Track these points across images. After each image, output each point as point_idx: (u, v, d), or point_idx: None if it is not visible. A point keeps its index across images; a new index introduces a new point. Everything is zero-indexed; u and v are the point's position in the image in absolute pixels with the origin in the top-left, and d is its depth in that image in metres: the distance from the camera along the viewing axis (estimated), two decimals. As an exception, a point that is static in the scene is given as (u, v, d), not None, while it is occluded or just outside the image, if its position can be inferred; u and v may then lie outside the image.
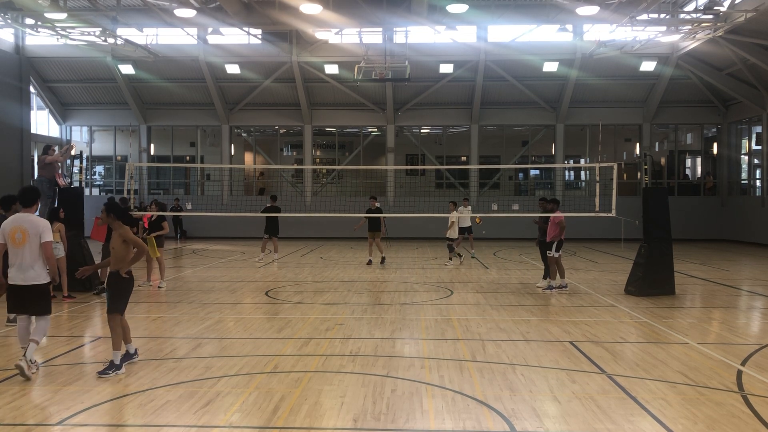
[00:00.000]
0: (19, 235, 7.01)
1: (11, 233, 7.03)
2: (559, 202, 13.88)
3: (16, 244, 7.01)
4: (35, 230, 7.05)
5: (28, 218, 7.15)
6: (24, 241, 7.01)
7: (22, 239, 7.01)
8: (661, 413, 5.91)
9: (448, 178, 30.15)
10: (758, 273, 17.47)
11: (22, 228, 7.04)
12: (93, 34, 22.27)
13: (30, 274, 7.03)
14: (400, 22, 23.36)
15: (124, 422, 5.70)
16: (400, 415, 5.88)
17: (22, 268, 7.01)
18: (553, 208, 13.63)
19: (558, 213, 13.48)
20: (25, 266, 7.00)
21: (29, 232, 7.02)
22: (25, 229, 7.04)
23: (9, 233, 7.03)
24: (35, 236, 7.03)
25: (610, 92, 28.35)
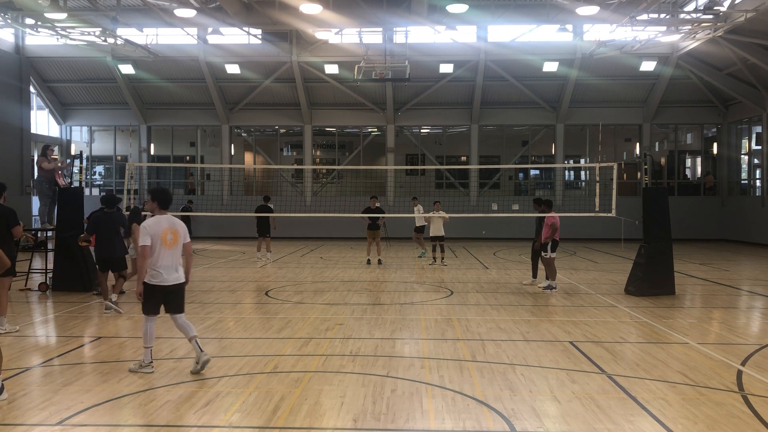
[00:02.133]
0: (170, 236, 7.07)
1: (163, 234, 7.04)
2: (551, 203, 13.85)
3: (168, 245, 7.04)
4: (183, 231, 7.22)
5: (173, 219, 7.26)
6: (175, 242, 7.10)
7: (174, 240, 7.09)
8: (661, 413, 5.91)
9: (448, 178, 30.15)
10: (758, 273, 17.47)
11: (173, 229, 7.12)
12: (93, 34, 22.28)
13: (180, 274, 7.19)
14: (400, 22, 23.36)
15: (124, 422, 5.69)
16: (400, 415, 5.88)
17: (172, 268, 7.09)
18: (544, 209, 13.69)
19: (552, 213, 13.45)
20: (175, 267, 7.12)
21: (180, 233, 7.16)
22: (176, 230, 7.15)
23: (160, 234, 7.03)
24: (183, 237, 7.20)
25: (610, 92, 28.36)
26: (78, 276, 13.02)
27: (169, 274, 7.09)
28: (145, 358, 7.14)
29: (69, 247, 13.09)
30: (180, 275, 7.21)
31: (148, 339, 7.17)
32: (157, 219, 7.16)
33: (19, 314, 10.68)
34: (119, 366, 7.50)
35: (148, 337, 7.17)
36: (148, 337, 7.17)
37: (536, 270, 14.27)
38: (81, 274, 13.03)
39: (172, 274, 7.12)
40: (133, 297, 11.58)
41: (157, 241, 7.02)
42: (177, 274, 7.17)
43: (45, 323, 10.30)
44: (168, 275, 7.08)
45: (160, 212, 7.23)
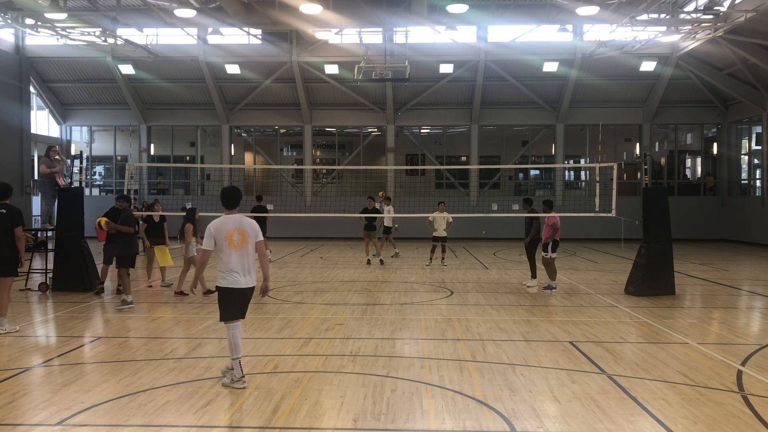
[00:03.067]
0: (237, 236, 6.66)
1: (228, 235, 6.65)
2: (552, 203, 13.86)
3: (235, 246, 6.65)
4: (252, 230, 6.79)
5: (241, 218, 6.84)
6: (243, 242, 6.68)
7: (241, 240, 6.68)
8: (661, 413, 5.91)
9: (448, 178, 30.15)
10: (758, 273, 17.47)
11: (240, 229, 6.72)
12: (93, 34, 22.28)
13: (252, 277, 6.80)
14: (400, 22, 23.36)
15: (124, 422, 5.69)
16: (400, 415, 5.88)
17: (243, 270, 6.69)
18: (533, 209, 13.75)
19: (553, 214, 13.46)
20: (246, 269, 6.71)
21: (248, 233, 6.74)
22: (244, 230, 6.73)
23: (225, 235, 6.65)
24: (253, 237, 6.78)
25: (610, 92, 28.36)
26: (78, 276, 13.01)
27: (241, 276, 6.68)
28: (236, 372, 6.61)
29: (69, 247, 13.08)
30: (252, 278, 6.78)
31: (236, 349, 6.67)
32: (223, 219, 6.75)
33: (19, 314, 10.68)
34: (119, 366, 7.50)
35: (236, 347, 6.68)
36: (236, 347, 6.68)
37: (535, 269, 14.27)
38: (81, 274, 13.03)
39: (245, 276, 6.70)
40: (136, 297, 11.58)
41: (223, 242, 6.63)
42: (249, 276, 6.74)
43: (45, 323, 10.30)
44: (241, 277, 6.67)
45: (227, 212, 6.84)
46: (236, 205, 6.85)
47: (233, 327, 6.74)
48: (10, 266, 9.18)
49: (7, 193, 9.33)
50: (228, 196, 6.85)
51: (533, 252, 14.12)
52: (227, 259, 6.65)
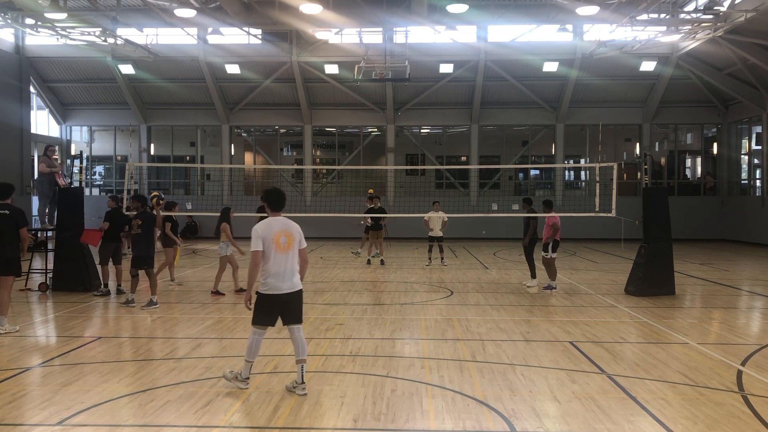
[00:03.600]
0: (283, 239, 6.45)
1: (275, 238, 6.43)
2: (552, 203, 13.87)
3: (281, 249, 6.43)
4: (298, 235, 6.58)
5: (287, 221, 6.63)
6: (289, 246, 6.47)
7: (288, 244, 6.47)
8: (661, 413, 5.91)
9: (448, 178, 30.15)
10: (758, 273, 17.47)
11: (286, 232, 6.50)
12: (93, 34, 22.28)
13: (297, 281, 6.56)
14: (400, 22, 23.36)
15: (124, 422, 5.69)
16: (400, 415, 5.88)
17: (286, 275, 6.46)
18: (530, 210, 13.76)
19: (553, 213, 13.47)
20: (290, 273, 6.48)
21: (294, 237, 6.53)
22: (291, 233, 6.52)
23: (272, 238, 6.42)
24: (298, 241, 6.57)
25: (610, 92, 28.35)
26: (78, 276, 13.02)
27: (283, 282, 6.44)
28: (243, 372, 6.55)
29: (69, 247, 13.08)
30: (296, 282, 6.56)
31: (251, 353, 6.53)
32: (269, 222, 6.54)
33: (19, 314, 10.68)
34: (119, 366, 7.50)
35: (252, 351, 6.53)
36: (252, 351, 6.53)
37: (534, 269, 14.29)
38: (81, 274, 13.03)
39: (287, 281, 6.46)
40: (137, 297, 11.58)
41: (270, 245, 6.39)
42: (293, 281, 6.51)
43: (45, 323, 10.30)
44: (282, 282, 6.44)
45: (272, 214, 6.62)
46: (282, 207, 6.65)
47: (259, 333, 6.56)
48: (13, 266, 9.21)
49: (8, 193, 9.37)
50: (275, 198, 6.65)
51: (532, 252, 14.14)
52: (271, 263, 6.41)
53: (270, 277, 6.43)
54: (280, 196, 6.70)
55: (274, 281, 6.43)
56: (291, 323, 6.57)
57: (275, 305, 6.48)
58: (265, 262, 6.43)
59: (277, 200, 6.65)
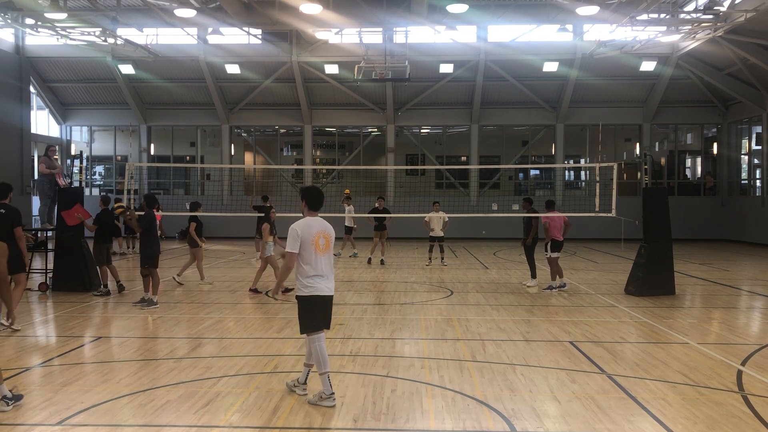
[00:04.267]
0: (322, 240, 6.23)
1: (315, 239, 6.19)
2: (553, 203, 13.90)
3: (321, 251, 6.22)
4: (333, 235, 6.38)
5: (324, 222, 6.36)
6: (327, 247, 6.27)
7: (326, 245, 6.26)
8: (661, 413, 5.91)
9: (448, 178, 30.15)
10: (758, 273, 17.47)
11: (325, 233, 6.28)
12: (93, 34, 22.28)
13: (333, 284, 6.36)
14: (400, 22, 23.36)
15: (124, 422, 5.69)
16: (400, 415, 5.88)
17: (327, 277, 6.26)
18: (531, 210, 13.77)
19: (553, 213, 13.49)
20: (329, 275, 6.28)
21: (331, 238, 6.34)
22: (329, 234, 6.31)
23: (312, 239, 6.18)
24: (332, 243, 6.38)
25: (610, 92, 28.35)
26: (78, 276, 13.02)
27: (325, 283, 6.24)
28: (325, 388, 6.08)
29: (69, 247, 13.07)
30: (333, 285, 6.36)
31: (324, 363, 6.15)
32: (307, 222, 6.26)
33: (19, 314, 10.67)
34: (119, 366, 7.50)
35: (324, 361, 6.15)
36: (324, 361, 6.15)
37: (534, 269, 14.30)
38: (81, 274, 13.03)
39: (328, 283, 6.27)
40: (137, 297, 11.59)
41: (310, 247, 6.16)
42: (332, 283, 6.33)
43: (45, 323, 10.30)
44: (324, 284, 6.23)
45: (309, 214, 6.34)
46: (321, 207, 6.43)
47: (318, 339, 6.22)
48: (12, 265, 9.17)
49: (5, 193, 9.41)
50: (316, 197, 6.38)
51: (533, 252, 14.15)
52: (313, 264, 6.17)
53: (312, 279, 6.19)
54: (320, 195, 6.44)
55: (318, 283, 6.19)
56: (326, 327, 6.42)
57: (324, 307, 6.28)
58: (305, 264, 6.18)
59: (317, 199, 6.39)
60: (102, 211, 13.23)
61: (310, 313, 6.24)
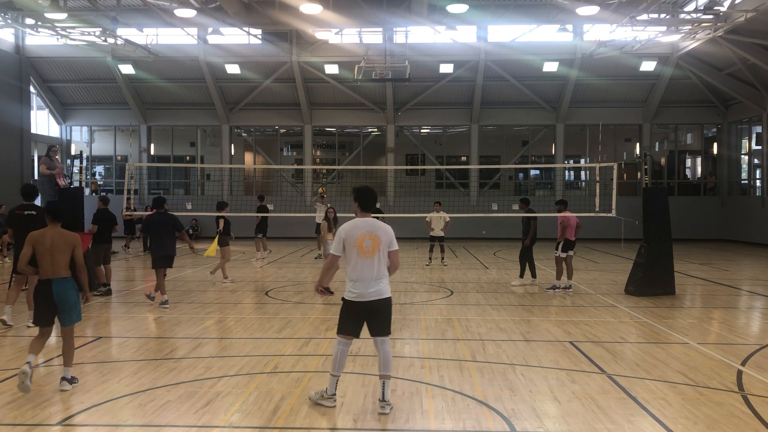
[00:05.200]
0: (368, 242, 5.96)
1: (358, 241, 5.96)
2: (566, 203, 13.91)
3: (365, 253, 5.95)
4: (386, 237, 6.04)
5: (375, 223, 6.08)
6: (375, 249, 5.96)
7: (373, 248, 5.96)
8: (661, 413, 5.91)
9: (448, 178, 30.15)
10: (758, 273, 17.47)
11: (372, 235, 5.98)
12: (93, 34, 22.29)
13: (383, 287, 6.03)
14: (400, 22, 23.37)
15: (124, 422, 5.69)
16: (400, 415, 5.88)
17: (371, 281, 5.95)
18: (561, 209, 13.72)
19: (566, 213, 13.52)
20: (375, 279, 5.97)
21: (381, 239, 6.00)
22: (376, 236, 5.99)
23: (355, 241, 5.96)
24: (386, 244, 6.03)
25: (610, 92, 28.36)
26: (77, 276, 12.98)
27: (367, 288, 5.94)
28: (329, 388, 6.06)
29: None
30: (382, 289, 6.01)
31: (336, 366, 6.04)
32: (354, 223, 6.06)
33: (20, 314, 10.68)
34: (119, 366, 7.50)
35: (337, 364, 6.03)
36: (337, 364, 6.03)
37: (534, 269, 14.36)
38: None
39: (372, 287, 5.94)
40: (137, 297, 11.60)
41: (352, 249, 5.95)
42: (378, 287, 5.98)
43: (45, 323, 10.28)
44: (365, 289, 5.94)
45: (361, 214, 6.15)
46: (373, 207, 6.23)
47: (343, 343, 6.07)
48: None
49: (33, 195, 10.15)
50: (367, 197, 6.16)
51: (531, 252, 14.23)
52: (353, 266, 5.98)
53: (353, 283, 5.99)
54: (371, 195, 6.20)
55: (358, 287, 5.96)
56: (376, 335, 6.04)
57: (360, 313, 6.01)
58: (348, 266, 6.04)
59: (367, 199, 6.15)
60: (99, 211, 13.21)
61: (344, 316, 6.10)
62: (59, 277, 6.64)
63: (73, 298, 6.70)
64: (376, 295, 5.97)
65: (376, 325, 6.02)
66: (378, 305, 5.99)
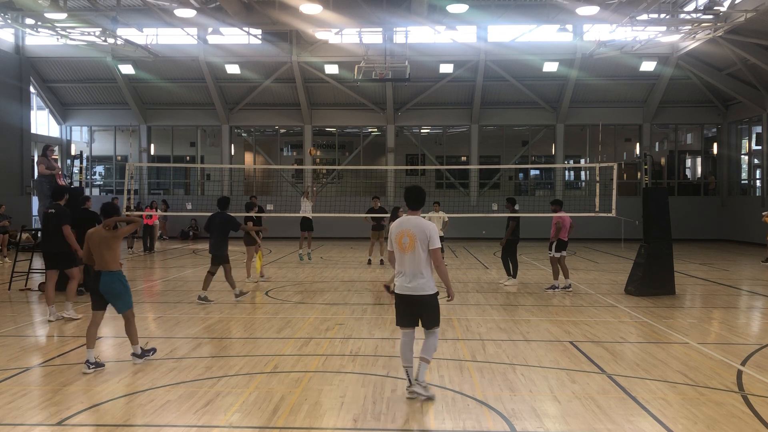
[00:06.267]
0: (406, 239, 6.28)
1: (398, 238, 6.34)
2: (561, 203, 13.90)
3: (403, 249, 6.30)
4: (424, 235, 6.27)
5: (417, 221, 6.36)
6: (411, 246, 6.25)
7: (410, 244, 6.26)
8: (661, 413, 5.91)
9: (448, 178, 30.16)
10: (758, 273, 17.46)
11: (410, 232, 6.28)
12: (93, 34, 22.30)
13: (424, 282, 6.27)
14: (400, 22, 23.36)
15: (124, 422, 5.69)
16: (400, 415, 5.88)
17: (410, 275, 6.28)
18: (556, 209, 13.73)
19: (559, 213, 13.55)
20: (415, 274, 6.27)
21: (417, 237, 6.25)
22: (413, 234, 6.26)
23: (395, 238, 6.37)
24: (425, 242, 6.26)
25: (610, 92, 28.36)
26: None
27: (407, 282, 6.29)
28: (408, 380, 6.38)
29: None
30: (423, 285, 6.26)
31: (402, 357, 6.41)
32: (400, 220, 6.48)
33: (20, 314, 10.69)
34: (119, 366, 7.50)
35: (402, 355, 6.41)
36: (402, 355, 6.41)
37: (516, 268, 14.55)
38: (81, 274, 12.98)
39: (412, 282, 6.27)
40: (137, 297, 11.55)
41: (394, 244, 6.38)
42: (418, 282, 6.25)
43: (45, 323, 10.28)
44: (406, 283, 6.30)
45: (409, 212, 6.51)
46: (420, 206, 6.50)
47: (405, 334, 6.44)
48: (59, 260, 10.50)
49: (61, 195, 10.76)
50: (411, 197, 6.51)
51: (511, 252, 14.29)
52: (398, 261, 6.38)
53: (397, 276, 6.42)
54: (418, 194, 6.52)
55: (399, 281, 6.38)
56: (424, 326, 6.43)
57: (407, 305, 6.38)
58: (396, 261, 6.43)
59: (413, 198, 6.51)
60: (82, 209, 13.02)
61: (397, 309, 6.48)
62: (106, 270, 7.49)
63: (118, 289, 7.51)
64: (418, 291, 6.29)
65: (423, 319, 6.42)
66: (420, 300, 6.31)
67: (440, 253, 6.36)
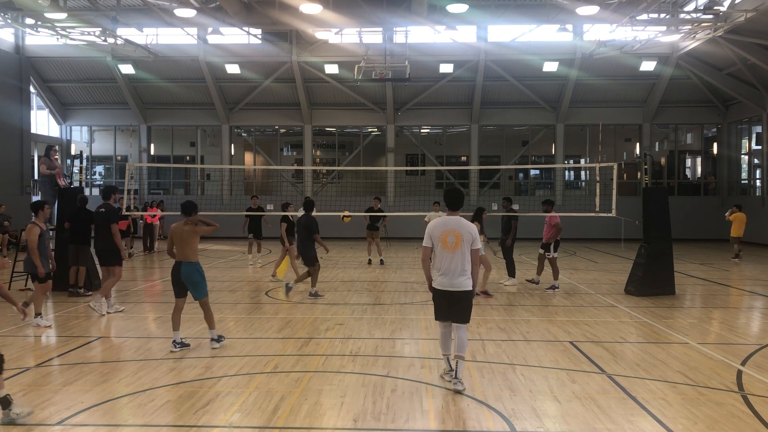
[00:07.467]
0: (451, 238, 6.62)
1: (443, 236, 6.64)
2: (553, 203, 13.95)
3: (449, 248, 6.62)
4: (469, 235, 6.65)
5: (461, 221, 6.74)
6: (457, 245, 6.60)
7: (455, 243, 6.60)
8: (661, 413, 5.91)
9: (448, 178, 30.15)
10: (758, 273, 17.47)
11: (456, 232, 6.64)
12: (93, 34, 22.29)
13: (463, 280, 6.64)
14: (400, 22, 23.36)
15: (124, 422, 5.69)
16: (400, 415, 5.88)
17: (454, 273, 6.61)
18: (548, 209, 13.78)
19: (554, 213, 13.58)
20: (458, 271, 6.62)
21: (463, 237, 6.62)
22: (459, 233, 6.63)
23: (440, 236, 6.66)
24: (469, 242, 6.64)
25: (610, 92, 28.35)
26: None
27: (450, 279, 6.63)
28: (446, 366, 6.93)
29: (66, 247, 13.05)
30: (463, 282, 6.64)
31: (441, 346, 6.95)
32: (442, 220, 6.78)
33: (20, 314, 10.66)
34: (119, 366, 7.50)
35: (442, 344, 6.92)
36: (442, 344, 6.92)
37: (513, 268, 14.62)
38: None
39: (455, 279, 6.62)
40: (137, 297, 11.58)
41: (437, 243, 6.67)
42: (460, 279, 6.62)
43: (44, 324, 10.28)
44: (450, 280, 6.63)
45: (449, 213, 6.83)
46: (459, 207, 6.82)
47: (442, 326, 6.88)
48: (105, 257, 10.97)
49: (109, 195, 11.31)
50: (449, 198, 6.86)
51: (512, 252, 14.33)
52: (439, 260, 6.69)
53: (438, 274, 6.71)
54: (458, 196, 6.87)
55: (442, 278, 6.68)
56: (455, 321, 6.73)
57: (445, 300, 6.71)
58: (435, 258, 6.75)
59: (450, 199, 6.85)
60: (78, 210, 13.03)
61: (436, 303, 6.81)
62: (186, 261, 8.25)
63: (196, 278, 8.29)
64: (459, 287, 6.63)
65: (456, 313, 6.69)
66: (459, 295, 6.65)
67: (479, 254, 6.83)
